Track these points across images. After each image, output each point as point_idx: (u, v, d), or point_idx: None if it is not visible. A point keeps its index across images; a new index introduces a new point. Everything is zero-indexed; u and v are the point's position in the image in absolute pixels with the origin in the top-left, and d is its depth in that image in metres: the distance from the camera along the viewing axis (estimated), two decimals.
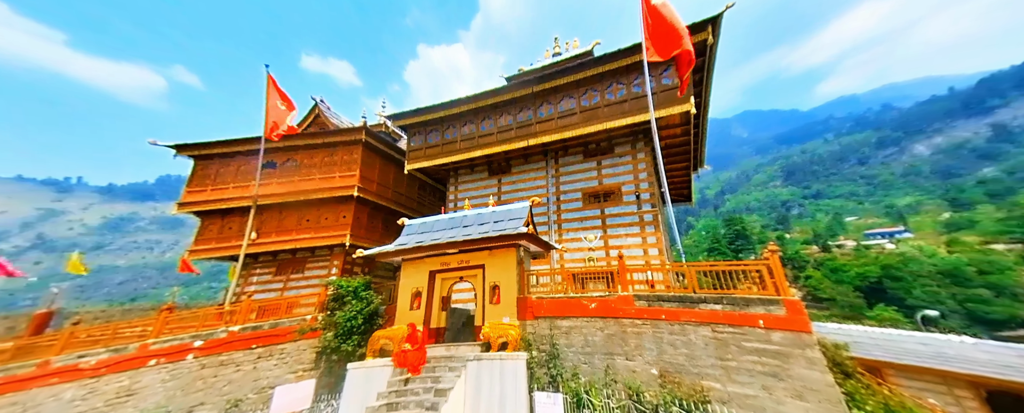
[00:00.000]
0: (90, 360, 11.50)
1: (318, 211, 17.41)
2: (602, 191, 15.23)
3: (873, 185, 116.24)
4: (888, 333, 15.80)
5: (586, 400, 8.12)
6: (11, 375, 11.51)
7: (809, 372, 6.99)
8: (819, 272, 55.90)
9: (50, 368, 11.45)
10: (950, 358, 12.52)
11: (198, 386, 11.03)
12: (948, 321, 39.33)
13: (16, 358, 12.07)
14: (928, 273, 49.29)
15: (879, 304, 46.11)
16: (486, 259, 10.93)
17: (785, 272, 8.12)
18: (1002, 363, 11.84)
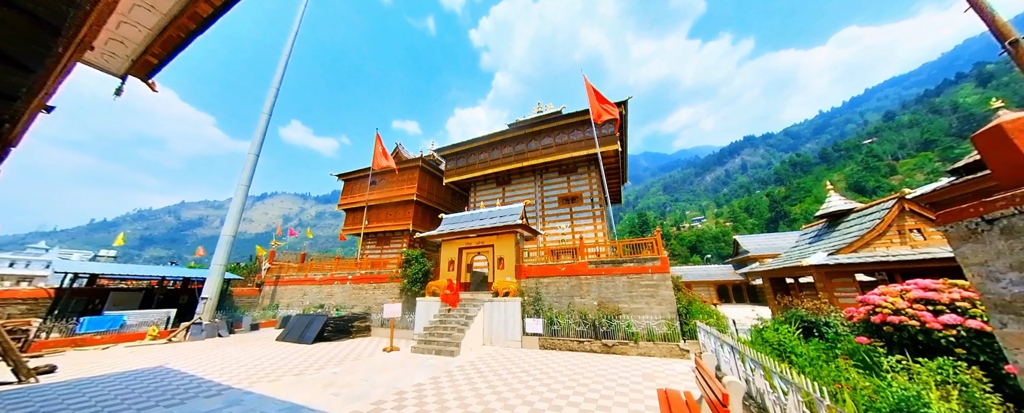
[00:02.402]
0: (316, 276, 16.02)
1: (395, 209, 19.38)
2: (570, 196, 16.32)
3: (694, 194, 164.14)
4: (693, 268, 28.01)
5: (556, 320, 9.26)
6: (294, 277, 16.34)
7: (666, 292, 8.54)
8: (675, 241, 75.92)
9: (304, 277, 16.24)
10: (709, 275, 25.51)
11: (352, 297, 14.86)
12: (713, 259, 60.16)
13: (300, 271, 16.49)
14: (708, 238, 73.79)
15: (694, 255, 66.69)
16: (495, 241, 12.09)
17: (662, 242, 9.26)
18: (721, 273, 25.01)
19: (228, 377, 6.70)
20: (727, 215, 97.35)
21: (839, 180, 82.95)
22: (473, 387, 5.72)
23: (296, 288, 16.18)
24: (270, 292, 16.71)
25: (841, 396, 3.20)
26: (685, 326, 8.30)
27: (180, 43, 2.75)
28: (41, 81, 1.95)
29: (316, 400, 5.20)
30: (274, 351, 9.45)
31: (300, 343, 10.66)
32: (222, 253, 14.04)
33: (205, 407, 4.97)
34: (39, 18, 1.40)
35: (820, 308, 6.66)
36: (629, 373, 6.38)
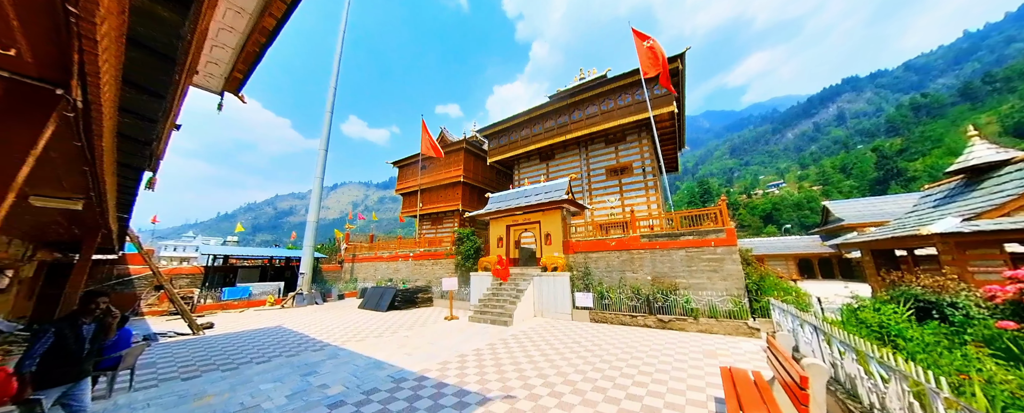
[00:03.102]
0: (383, 254, 18.08)
1: (445, 191, 20.57)
2: (619, 167, 15.38)
3: (771, 156, 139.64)
4: (767, 240, 25.07)
5: (606, 295, 9.18)
6: (366, 256, 19.13)
7: (732, 266, 7.75)
8: (744, 210, 67.25)
9: (374, 255, 18.74)
10: (787, 247, 22.79)
11: (415, 272, 16.37)
12: (793, 230, 53.02)
13: (371, 250, 20.01)
14: (789, 205, 64.42)
15: (769, 225, 59.47)
16: (541, 217, 12.14)
17: (727, 212, 8.28)
18: (803, 246, 22.23)
19: (326, 336, 8.18)
20: (815, 177, 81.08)
21: (989, 123, 60.12)
22: (527, 354, 6.10)
23: (369, 264, 18.58)
24: (349, 268, 19.53)
25: (967, 389, 2.67)
26: (755, 303, 7.55)
27: (257, 57, 3.14)
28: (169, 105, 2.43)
29: (393, 357, 6.09)
30: (357, 317, 11.18)
31: (376, 310, 12.40)
32: (310, 236, 16.86)
33: (313, 358, 6.19)
34: (159, 52, 1.72)
35: (944, 285, 5.44)
36: (687, 349, 6.14)
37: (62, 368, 2.78)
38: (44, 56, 1.31)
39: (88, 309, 3.03)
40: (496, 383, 4.65)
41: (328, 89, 18.64)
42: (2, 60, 1.31)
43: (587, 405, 3.86)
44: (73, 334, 2.85)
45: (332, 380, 4.95)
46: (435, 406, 3.94)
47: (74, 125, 1.84)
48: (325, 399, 4.25)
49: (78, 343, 2.86)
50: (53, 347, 2.75)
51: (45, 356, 2.71)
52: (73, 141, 2.10)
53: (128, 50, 1.68)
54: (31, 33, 1.17)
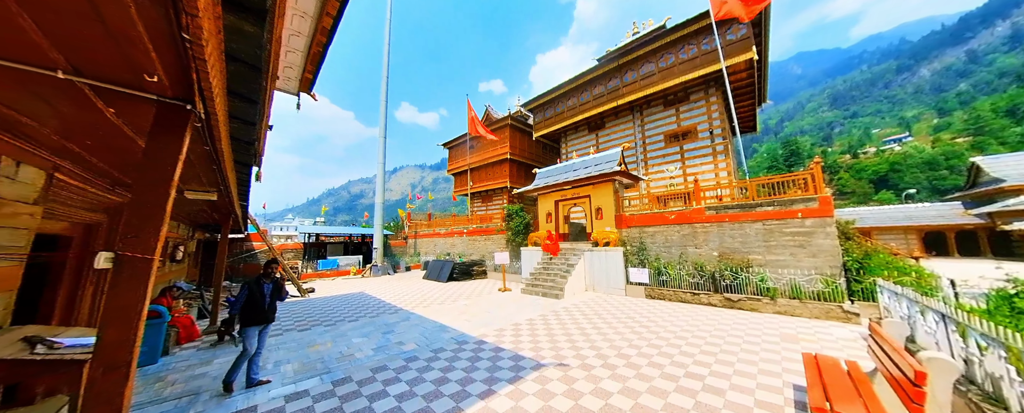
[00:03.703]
0: (441, 231, 19.60)
1: (492, 169, 21.04)
2: (681, 132, 13.78)
3: (892, 102, 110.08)
4: (879, 209, 18.80)
5: (664, 271, 8.72)
6: (426, 232, 20.91)
7: (824, 241, 6.58)
8: (847, 174, 54.19)
9: (433, 232, 20.43)
10: (908, 218, 16.15)
11: (469, 247, 17.41)
12: (920, 195, 41.87)
13: (429, 227, 21.64)
14: (916, 164, 50.80)
15: (883, 190, 48.20)
16: (591, 191, 11.72)
17: (822, 176, 6.87)
18: (934, 215, 15.72)
19: (398, 302, 9.42)
20: (962, 126, 60.64)
21: None
22: (578, 326, 6.24)
23: (429, 240, 20.40)
24: (413, 243, 21.72)
25: None
26: (855, 284, 6.41)
27: (321, 56, 3.47)
28: (262, 109, 2.87)
29: (455, 322, 6.78)
30: (422, 286, 12.56)
31: (437, 281, 13.75)
32: (378, 216, 19.10)
33: (390, 320, 7.23)
34: (249, 63, 2.02)
35: None
36: (759, 330, 5.60)
37: (254, 315, 3.86)
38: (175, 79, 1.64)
39: (268, 273, 4.05)
40: (549, 351, 4.90)
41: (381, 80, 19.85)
42: (149, 86, 1.69)
43: (642, 379, 3.86)
44: (259, 291, 3.90)
45: (407, 338, 5.77)
46: (493, 367, 4.35)
47: (202, 133, 2.30)
48: (402, 353, 5.00)
49: (262, 298, 3.90)
50: (247, 299, 3.81)
51: (244, 306, 3.80)
52: (203, 145, 2.64)
53: (228, 65, 2.00)
54: (164, 62, 1.47)
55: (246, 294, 3.85)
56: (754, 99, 14.24)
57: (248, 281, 3.93)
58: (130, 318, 1.53)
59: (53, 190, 2.96)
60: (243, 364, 3.85)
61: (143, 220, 1.60)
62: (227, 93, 2.26)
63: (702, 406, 3.21)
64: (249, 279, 3.96)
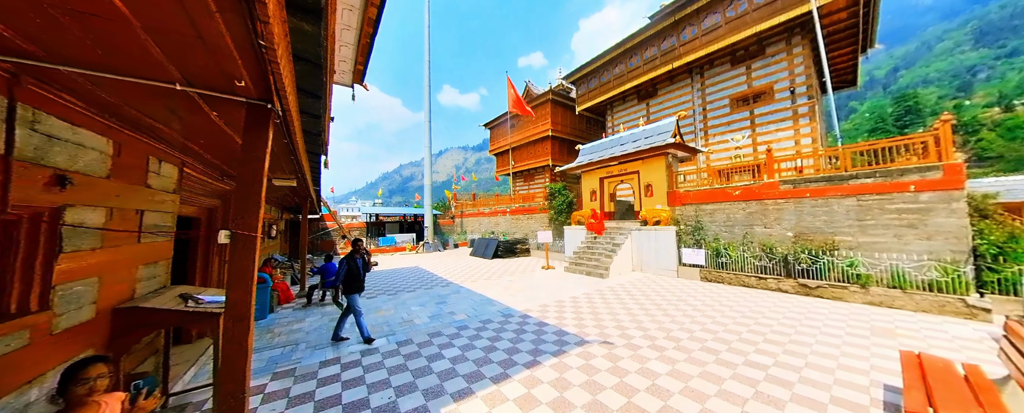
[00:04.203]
0: (485, 210, 20.20)
1: (534, 147, 20.79)
2: (751, 94, 11.91)
3: None
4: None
5: (724, 252, 8.02)
6: (471, 212, 21.72)
7: (946, 219, 5.29)
8: (994, 133, 38.38)
9: (478, 212, 22.02)
10: None
11: (512, 226, 17.90)
12: None
13: (474, 206, 21.99)
14: None
15: None
16: (640, 166, 10.97)
17: (951, 138, 5.38)
18: None
19: (449, 276, 10.19)
20: None
21: None
22: (624, 306, 6.14)
23: (474, 219, 21.33)
24: (459, 222, 22.94)
25: None
26: (990, 273, 5.15)
27: (369, 47, 3.69)
28: (325, 102, 3.19)
29: (501, 297, 7.16)
30: (469, 262, 13.35)
31: (483, 258, 14.46)
32: (428, 197, 20.54)
33: (442, 292, 7.91)
34: (312, 61, 2.24)
35: None
36: (842, 321, 4.92)
37: (354, 284, 4.62)
38: (257, 82, 1.90)
39: (358, 250, 4.77)
40: (593, 329, 4.95)
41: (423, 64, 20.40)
42: (239, 90, 1.98)
43: (693, 363, 3.73)
44: (353, 264, 4.61)
45: (458, 309, 6.29)
46: (537, 340, 4.56)
47: (281, 128, 2.66)
48: (454, 322, 5.49)
49: (357, 270, 4.63)
50: (347, 272, 4.57)
51: (345, 277, 4.59)
52: (282, 139, 3.06)
53: (295, 64, 2.25)
54: (248, 67, 1.71)
55: (346, 268, 4.55)
56: (855, 46, 11.50)
57: (344, 257, 4.63)
58: (245, 282, 1.92)
59: (184, 182, 3.72)
60: (346, 322, 4.73)
61: (246, 204, 1.96)
62: (297, 90, 2.55)
63: (763, 396, 3.00)
64: (347, 256, 4.65)
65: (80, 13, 1.26)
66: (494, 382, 3.42)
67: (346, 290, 4.60)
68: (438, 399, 3.13)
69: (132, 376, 2.71)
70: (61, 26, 1.35)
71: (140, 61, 1.61)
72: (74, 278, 2.17)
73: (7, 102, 1.71)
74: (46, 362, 1.98)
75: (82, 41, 1.46)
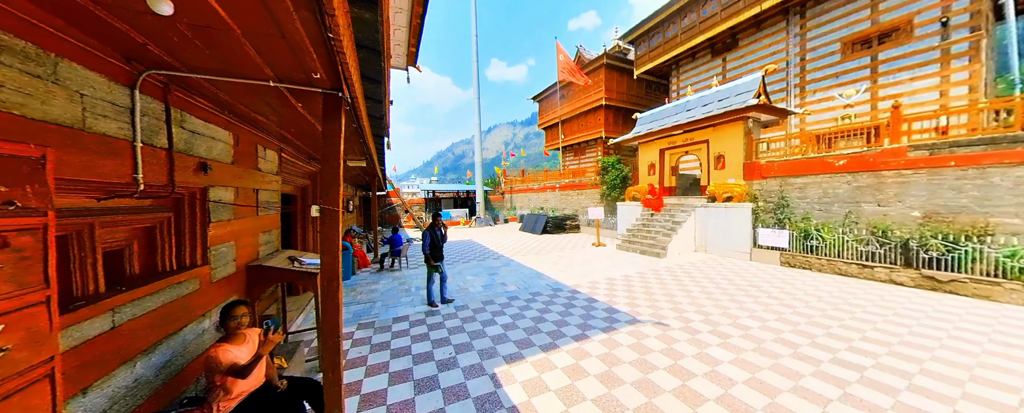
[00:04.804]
0: (534, 186, 20.83)
1: (585, 118, 19.69)
2: (876, 32, 9.32)
3: None
4: None
5: (815, 234, 6.88)
6: (520, 188, 22.98)
7: None
8: None
9: (526, 187, 22.06)
10: None
11: (562, 202, 17.84)
12: None
13: (523, 182, 22.87)
14: None
15: None
16: (710, 134, 9.68)
17: None
18: None
19: (499, 249, 10.68)
20: None
21: None
22: (683, 288, 5.77)
23: (523, 195, 21.57)
24: (509, 198, 23.45)
25: None
26: None
27: (420, 28, 3.78)
28: (384, 87, 3.44)
29: (549, 272, 7.30)
30: (518, 237, 13.73)
31: (532, 233, 14.71)
32: (478, 174, 21.28)
33: (494, 264, 8.36)
34: (371, 48, 2.41)
35: None
36: (986, 327, 3.93)
37: (437, 253, 5.05)
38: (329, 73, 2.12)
39: (437, 224, 5.23)
40: (646, 309, 4.80)
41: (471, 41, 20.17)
42: (316, 82, 2.24)
43: (764, 354, 3.40)
44: (433, 235, 5.09)
45: (508, 280, 6.63)
46: (587, 315, 4.61)
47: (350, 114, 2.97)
48: (505, 292, 5.83)
49: (437, 240, 5.05)
50: (432, 242, 5.06)
51: (431, 246, 5.05)
52: (351, 124, 3.41)
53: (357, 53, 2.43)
54: (321, 60, 1.91)
55: (429, 239, 5.02)
56: None
57: (427, 229, 5.08)
58: (333, 248, 2.29)
59: (283, 165, 4.45)
60: (433, 286, 5.16)
61: (329, 182, 2.28)
62: (361, 78, 2.78)
63: (854, 399, 2.62)
64: (429, 227, 5.16)
65: (199, 26, 1.52)
66: (543, 350, 3.62)
67: (433, 257, 5.04)
68: (491, 360, 3.44)
69: (263, 317, 3.52)
70: (188, 40, 1.66)
71: (243, 63, 1.91)
72: (220, 242, 2.83)
73: (164, 107, 2.21)
74: (210, 302, 2.69)
75: (203, 51, 1.78)
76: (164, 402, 2.10)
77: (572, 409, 2.58)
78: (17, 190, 1.03)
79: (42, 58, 1.42)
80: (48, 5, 1.34)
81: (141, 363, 1.96)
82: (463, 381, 3.05)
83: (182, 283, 2.36)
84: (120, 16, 1.45)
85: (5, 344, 0.98)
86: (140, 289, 1.96)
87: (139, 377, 1.93)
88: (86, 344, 1.61)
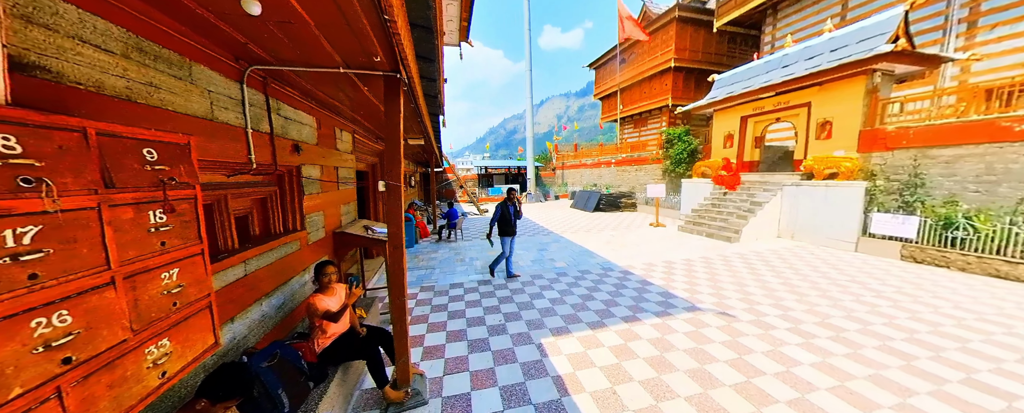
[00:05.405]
0: (587, 162, 19.98)
1: (649, 84, 17.72)
2: None
3: None
4: None
5: (962, 222, 5.38)
6: (572, 163, 22.35)
7: None
8: None
9: (579, 163, 21.68)
10: None
11: (617, 178, 17.05)
12: None
13: (576, 158, 21.94)
14: None
15: None
16: (814, 95, 7.90)
17: None
18: None
19: (549, 226, 10.68)
20: None
21: None
22: (757, 276, 5.11)
23: (575, 171, 20.86)
24: (560, 174, 22.92)
25: None
26: None
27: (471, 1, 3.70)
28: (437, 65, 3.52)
29: (600, 250, 7.10)
30: (569, 214, 13.50)
31: (584, 210, 14.31)
32: (529, 149, 21.06)
33: (544, 240, 8.44)
34: (424, 26, 2.45)
35: None
36: None
37: (507, 228, 5.15)
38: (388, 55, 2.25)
39: (511, 198, 5.22)
40: (709, 297, 4.42)
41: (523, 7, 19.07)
42: (377, 65, 2.40)
43: (860, 362, 2.89)
44: (506, 210, 5.15)
45: (557, 257, 6.67)
46: (639, 297, 4.44)
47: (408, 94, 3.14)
48: (554, 268, 5.90)
49: (509, 215, 5.13)
50: (501, 217, 5.16)
51: (499, 221, 5.13)
52: (409, 103, 3.61)
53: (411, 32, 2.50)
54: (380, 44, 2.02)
55: (499, 214, 5.07)
56: None
57: (499, 204, 5.16)
58: (397, 219, 2.56)
59: (355, 144, 5.00)
60: (500, 262, 5.34)
61: (392, 159, 2.50)
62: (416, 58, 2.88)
63: None
64: (502, 203, 5.21)
65: (282, 22, 1.72)
66: (590, 328, 3.64)
67: (500, 232, 5.11)
68: (538, 330, 3.60)
69: (346, 275, 4.19)
70: (277, 37, 1.89)
71: (317, 53, 2.12)
72: (312, 211, 3.38)
73: (264, 98, 2.61)
74: (308, 260, 3.28)
75: (288, 45, 2.02)
76: (282, 334, 2.71)
77: (618, 387, 2.60)
78: (175, 169, 1.37)
79: (182, 63, 1.78)
80: (181, 17, 1.65)
81: (265, 303, 2.52)
82: (512, 347, 3.27)
83: (288, 244, 2.91)
84: (227, 20, 1.70)
85: (181, 282, 1.35)
86: (261, 246, 2.48)
87: (264, 313, 2.50)
88: (229, 286, 2.13)
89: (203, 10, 1.58)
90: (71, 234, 0.98)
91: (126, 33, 1.44)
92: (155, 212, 1.26)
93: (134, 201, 1.18)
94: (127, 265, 1.13)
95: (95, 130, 1.06)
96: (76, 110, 1.20)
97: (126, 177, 1.15)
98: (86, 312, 1.00)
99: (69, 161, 0.99)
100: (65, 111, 1.12)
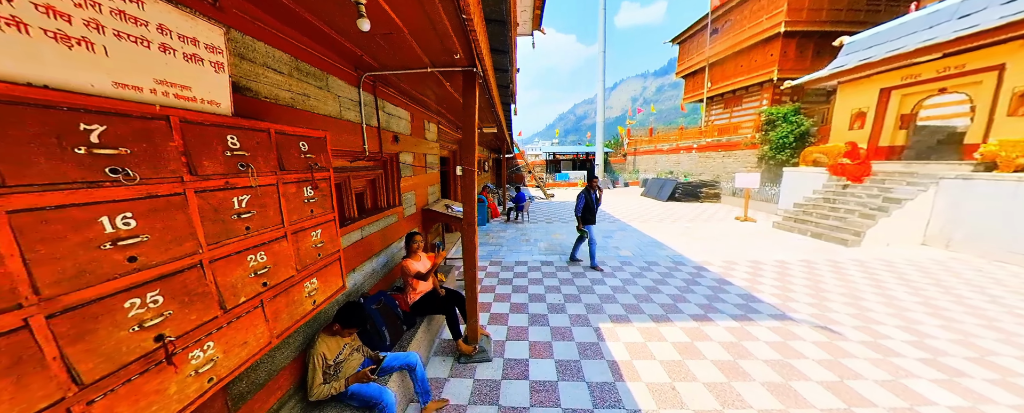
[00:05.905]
0: (663, 147, 18.08)
1: (748, 55, 14.50)
2: None
3: None
4: None
5: None
6: (646, 149, 21.61)
7: None
8: None
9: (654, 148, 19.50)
10: None
11: (699, 165, 14.75)
12: None
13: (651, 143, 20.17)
14: None
15: None
16: (1011, 55, 5.30)
17: None
18: None
19: (616, 213, 10.04)
20: None
21: None
22: (882, 289, 3.92)
23: (648, 157, 18.78)
24: (631, 160, 20.97)
25: None
26: None
27: None
28: (510, 56, 3.54)
29: (672, 243, 6.39)
30: (640, 202, 12.39)
31: (656, 199, 12.91)
32: (599, 134, 19.72)
33: (609, 227, 8.01)
34: (498, 20, 2.48)
35: None
36: None
37: (590, 216, 4.80)
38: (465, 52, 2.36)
39: (593, 186, 4.86)
40: (806, 306, 3.60)
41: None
42: (456, 62, 2.55)
43: None
44: (588, 197, 4.76)
45: (623, 245, 6.28)
46: (713, 297, 3.90)
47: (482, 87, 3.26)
48: (619, 256, 5.59)
49: (591, 202, 4.73)
50: (585, 205, 4.73)
51: (583, 209, 4.77)
52: (483, 95, 3.76)
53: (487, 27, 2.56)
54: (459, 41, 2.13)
55: (583, 201, 4.68)
56: None
57: (582, 191, 4.78)
58: (471, 199, 2.77)
59: (440, 134, 5.48)
60: (580, 246, 5.07)
61: (468, 146, 2.68)
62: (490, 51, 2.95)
63: None
64: (585, 190, 4.85)
65: (384, 34, 1.96)
66: (653, 321, 3.39)
67: (583, 220, 4.73)
68: (597, 314, 3.52)
69: (431, 244, 4.77)
70: (382, 46, 2.17)
71: (410, 56, 2.36)
72: (406, 191, 3.91)
73: (374, 98, 3.06)
74: (402, 231, 3.84)
75: (389, 52, 2.30)
76: (385, 286, 3.30)
77: (678, 384, 2.40)
78: (318, 157, 1.76)
79: (322, 76, 2.21)
80: (320, 39, 2.03)
81: (375, 260, 3.09)
82: (569, 326, 3.30)
83: (389, 216, 3.46)
84: (348, 37, 2.03)
85: (322, 239, 1.77)
86: (372, 217, 3.01)
87: (374, 268, 3.07)
88: (351, 246, 2.68)
89: (332, 31, 1.91)
90: (264, 202, 1.38)
91: (291, 58, 1.86)
92: (307, 188, 1.65)
93: (295, 180, 1.57)
94: (293, 225, 1.54)
95: (274, 130, 1.44)
96: (264, 116, 1.63)
97: (291, 163, 1.54)
98: (273, 254, 1.42)
99: (261, 152, 1.38)
100: (259, 117, 1.54)
